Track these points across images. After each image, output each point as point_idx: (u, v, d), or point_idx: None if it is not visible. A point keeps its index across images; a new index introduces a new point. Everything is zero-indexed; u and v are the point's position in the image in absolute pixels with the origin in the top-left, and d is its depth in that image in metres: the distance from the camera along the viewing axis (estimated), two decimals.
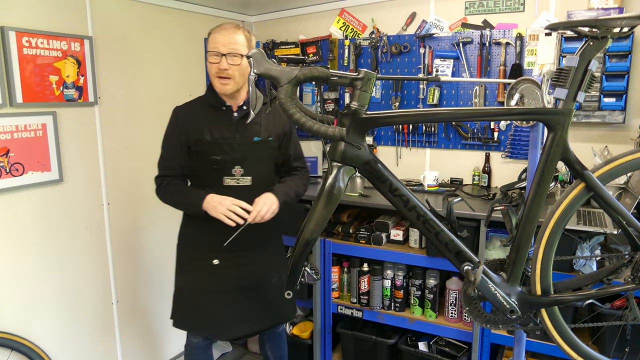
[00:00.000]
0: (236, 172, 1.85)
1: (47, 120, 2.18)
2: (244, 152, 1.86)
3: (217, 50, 1.75)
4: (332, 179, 1.18)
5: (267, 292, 2.00)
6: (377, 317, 2.53)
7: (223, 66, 1.76)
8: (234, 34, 1.78)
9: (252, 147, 1.87)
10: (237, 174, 1.86)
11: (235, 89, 1.83)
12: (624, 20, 1.12)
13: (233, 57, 1.77)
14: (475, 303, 1.36)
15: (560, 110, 1.22)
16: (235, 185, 1.86)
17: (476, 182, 2.73)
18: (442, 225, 1.26)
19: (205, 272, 1.91)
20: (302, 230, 1.24)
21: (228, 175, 1.85)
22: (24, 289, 2.18)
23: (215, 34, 1.78)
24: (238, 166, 1.85)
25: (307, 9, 3.15)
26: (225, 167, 1.84)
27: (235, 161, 1.85)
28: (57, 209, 2.28)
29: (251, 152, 1.87)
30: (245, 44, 1.80)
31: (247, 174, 1.87)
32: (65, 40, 2.23)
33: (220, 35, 1.77)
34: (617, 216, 1.28)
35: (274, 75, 1.06)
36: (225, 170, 1.85)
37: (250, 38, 1.84)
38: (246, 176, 1.87)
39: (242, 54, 1.78)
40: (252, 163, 1.88)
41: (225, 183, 1.85)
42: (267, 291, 2.00)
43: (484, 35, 2.61)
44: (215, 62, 1.77)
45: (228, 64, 1.76)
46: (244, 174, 1.87)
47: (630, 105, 2.31)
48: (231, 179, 1.86)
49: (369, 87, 1.14)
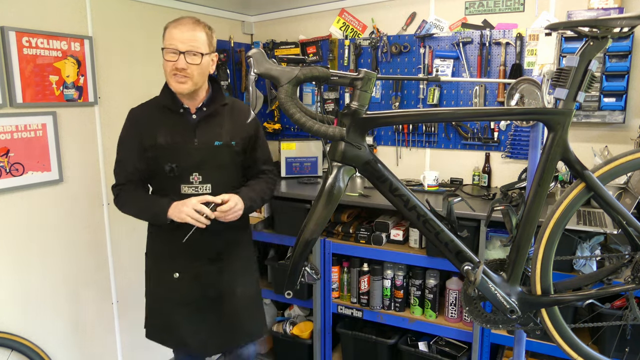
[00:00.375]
0: (194, 179, 1.70)
1: (47, 120, 2.18)
2: (203, 157, 1.71)
3: (174, 47, 1.59)
4: (332, 179, 1.18)
5: (231, 304, 1.86)
6: (377, 317, 2.53)
7: (181, 65, 1.59)
8: (194, 30, 1.61)
9: (212, 152, 1.72)
10: (196, 182, 1.71)
11: (193, 89, 1.67)
12: (624, 20, 1.12)
13: (192, 55, 1.61)
14: (476, 303, 1.36)
15: (560, 110, 1.22)
16: (193, 193, 1.70)
17: (476, 182, 2.73)
18: (442, 225, 1.26)
19: (167, 284, 1.81)
20: (302, 230, 1.24)
21: (185, 182, 1.70)
22: (24, 289, 2.18)
23: (173, 29, 1.61)
24: (196, 173, 1.70)
25: (307, 9, 3.15)
26: (182, 174, 1.69)
27: (193, 167, 1.70)
28: (57, 209, 2.28)
29: (211, 158, 1.72)
30: (206, 42, 1.65)
31: (206, 181, 1.72)
32: (65, 40, 2.23)
33: (178, 31, 1.60)
34: (617, 216, 1.28)
35: (274, 75, 1.06)
36: (183, 177, 1.70)
37: (211, 35, 1.69)
38: (205, 183, 1.72)
39: (202, 53, 1.63)
40: (212, 169, 1.73)
41: (182, 191, 1.71)
42: (232, 303, 1.85)
43: (484, 35, 2.61)
44: (171, 60, 1.60)
45: (186, 63, 1.60)
46: (203, 181, 1.71)
47: (630, 105, 2.31)
48: (189, 187, 1.71)
49: (369, 87, 1.14)
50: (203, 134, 1.71)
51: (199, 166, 1.70)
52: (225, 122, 1.74)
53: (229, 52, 3.21)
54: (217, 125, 1.73)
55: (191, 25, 1.62)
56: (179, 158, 1.68)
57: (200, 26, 1.64)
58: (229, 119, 1.75)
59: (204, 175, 1.71)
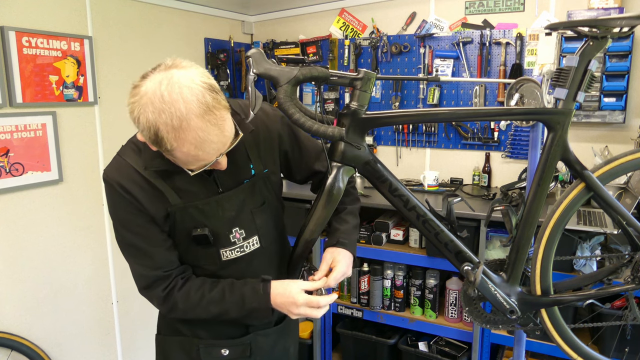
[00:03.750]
0: (236, 237, 1.23)
1: (47, 120, 2.18)
2: (238, 206, 1.22)
3: (215, 152, 1.03)
4: (332, 179, 1.18)
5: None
6: (377, 317, 2.53)
7: (221, 168, 1.11)
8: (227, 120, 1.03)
9: (246, 193, 1.23)
10: (239, 240, 1.24)
11: None
12: (624, 20, 1.12)
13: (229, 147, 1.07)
14: (475, 303, 1.36)
15: (560, 110, 1.22)
16: (238, 256, 1.25)
17: (476, 182, 2.73)
18: (441, 225, 1.26)
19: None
20: (302, 230, 1.24)
21: (226, 246, 1.23)
22: (24, 289, 2.18)
23: (190, 144, 0.98)
24: (236, 229, 1.23)
25: (307, 9, 3.15)
26: (217, 237, 1.21)
27: (231, 223, 1.22)
28: (57, 209, 2.28)
29: (248, 202, 1.24)
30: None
31: (250, 234, 1.25)
32: (65, 40, 2.23)
33: (218, 132, 1.00)
34: (617, 216, 1.28)
35: (274, 76, 1.06)
36: (220, 241, 1.21)
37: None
38: (250, 237, 1.25)
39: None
40: (254, 216, 1.25)
41: (224, 257, 1.23)
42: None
43: (484, 35, 2.61)
44: (207, 163, 1.05)
45: (224, 164, 1.11)
46: (247, 235, 1.25)
47: (630, 105, 2.31)
48: (231, 250, 1.24)
49: (369, 87, 1.14)
50: (226, 176, 1.20)
51: (236, 219, 1.23)
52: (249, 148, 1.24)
53: (229, 52, 3.21)
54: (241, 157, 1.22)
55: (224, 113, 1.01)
56: (208, 217, 1.19)
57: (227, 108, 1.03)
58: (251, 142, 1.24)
59: (245, 227, 1.24)
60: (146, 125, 0.98)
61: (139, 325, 2.76)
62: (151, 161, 1.14)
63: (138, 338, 2.76)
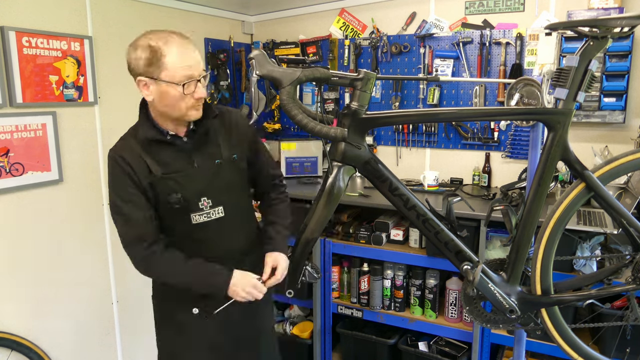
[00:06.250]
0: (204, 205, 1.51)
1: (47, 120, 2.18)
2: (207, 180, 1.51)
3: (189, 74, 1.34)
4: (333, 178, 1.18)
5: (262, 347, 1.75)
6: (377, 317, 2.53)
7: (203, 94, 1.40)
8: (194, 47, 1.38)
9: (215, 172, 1.53)
10: (206, 207, 1.52)
11: None
12: (624, 20, 1.12)
13: (204, 78, 1.40)
14: (475, 303, 1.36)
15: (560, 110, 1.22)
16: (205, 220, 1.53)
17: (476, 182, 2.73)
18: (441, 224, 1.27)
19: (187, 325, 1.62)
20: (302, 230, 1.24)
21: (195, 211, 1.51)
22: (24, 289, 2.17)
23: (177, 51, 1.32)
24: (204, 198, 1.51)
25: (307, 9, 3.15)
26: (189, 202, 1.49)
27: (200, 193, 1.51)
28: (57, 208, 2.28)
29: (216, 178, 1.53)
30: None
31: (216, 204, 1.53)
32: (65, 40, 2.23)
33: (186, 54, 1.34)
34: (618, 216, 1.28)
35: (277, 77, 1.06)
36: (191, 206, 1.50)
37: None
38: (216, 207, 1.53)
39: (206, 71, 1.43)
40: (220, 190, 1.54)
41: (194, 221, 1.51)
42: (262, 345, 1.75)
43: (484, 35, 2.61)
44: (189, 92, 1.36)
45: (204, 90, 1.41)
46: (213, 205, 1.53)
47: (630, 105, 2.31)
48: (200, 214, 1.52)
49: (369, 87, 1.14)
50: (201, 156, 1.51)
51: (205, 190, 1.52)
52: (221, 136, 1.55)
53: (229, 52, 3.21)
54: (212, 142, 1.54)
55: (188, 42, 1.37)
56: (183, 186, 1.48)
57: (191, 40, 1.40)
58: (223, 132, 1.56)
59: (212, 198, 1.53)
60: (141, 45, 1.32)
61: (139, 325, 2.76)
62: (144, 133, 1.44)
63: (138, 338, 2.76)
